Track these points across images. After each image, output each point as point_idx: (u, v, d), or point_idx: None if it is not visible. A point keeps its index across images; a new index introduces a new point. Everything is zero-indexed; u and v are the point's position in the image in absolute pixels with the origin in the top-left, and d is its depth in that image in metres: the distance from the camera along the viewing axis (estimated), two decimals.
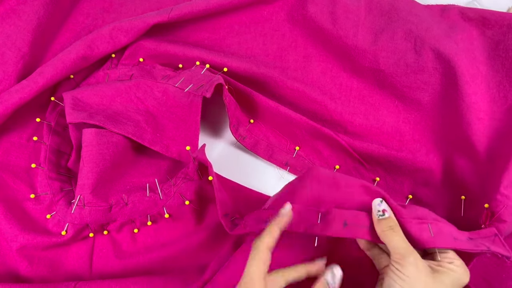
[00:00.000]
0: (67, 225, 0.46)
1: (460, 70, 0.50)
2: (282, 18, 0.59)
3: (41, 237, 0.45)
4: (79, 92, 0.50)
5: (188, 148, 0.48)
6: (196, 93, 0.48)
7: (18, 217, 0.46)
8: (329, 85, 0.56)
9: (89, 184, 0.45)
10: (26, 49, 0.52)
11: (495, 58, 0.52)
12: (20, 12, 0.53)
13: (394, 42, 0.54)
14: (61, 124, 0.52)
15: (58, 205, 0.47)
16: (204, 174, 0.47)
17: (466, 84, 0.50)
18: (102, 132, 0.47)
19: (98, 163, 0.46)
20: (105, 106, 0.50)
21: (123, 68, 0.54)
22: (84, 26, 0.58)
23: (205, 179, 0.47)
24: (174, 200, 0.47)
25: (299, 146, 0.54)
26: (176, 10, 0.53)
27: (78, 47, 0.51)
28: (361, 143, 0.51)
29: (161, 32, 0.55)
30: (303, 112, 0.53)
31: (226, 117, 0.52)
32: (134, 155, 0.51)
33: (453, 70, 0.50)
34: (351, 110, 0.54)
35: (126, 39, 0.53)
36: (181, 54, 0.54)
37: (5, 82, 0.51)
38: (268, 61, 0.57)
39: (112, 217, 0.46)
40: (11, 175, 0.49)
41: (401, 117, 0.54)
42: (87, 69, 0.54)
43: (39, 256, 0.46)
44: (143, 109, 0.51)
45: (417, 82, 0.53)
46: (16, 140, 0.51)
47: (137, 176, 0.50)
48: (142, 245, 0.47)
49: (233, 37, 0.58)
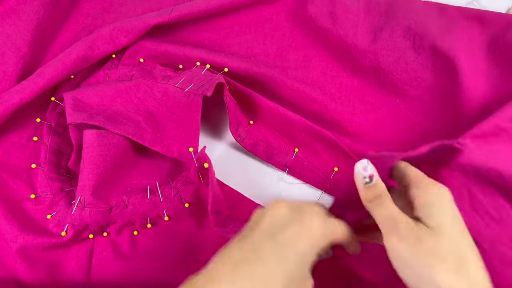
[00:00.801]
0: (67, 226, 0.46)
1: (460, 67, 0.50)
2: (282, 18, 0.59)
3: (41, 238, 0.45)
4: (80, 92, 0.50)
5: (191, 150, 0.47)
6: (196, 92, 0.48)
7: (18, 217, 0.46)
8: (329, 85, 0.56)
9: (89, 186, 0.45)
10: (26, 49, 0.52)
11: (495, 52, 0.52)
12: (20, 12, 0.53)
13: (393, 40, 0.54)
14: (61, 124, 0.52)
15: (59, 205, 0.47)
16: (204, 177, 0.47)
17: (467, 80, 0.50)
18: (103, 133, 0.47)
19: (99, 165, 0.46)
20: (105, 107, 0.50)
21: (123, 69, 0.54)
22: (84, 26, 0.58)
23: (205, 182, 0.47)
24: (173, 202, 0.47)
25: (298, 147, 0.54)
26: (176, 11, 0.53)
27: (79, 47, 0.51)
28: (360, 145, 0.51)
29: (161, 33, 0.55)
30: (303, 112, 0.53)
31: (226, 118, 0.52)
32: (135, 156, 0.51)
33: (453, 66, 0.50)
34: (351, 110, 0.54)
35: (126, 40, 0.53)
36: (182, 55, 0.54)
37: (5, 82, 0.51)
38: (268, 61, 0.57)
39: (112, 219, 0.46)
40: (11, 175, 0.49)
41: (402, 115, 0.54)
42: (88, 70, 0.54)
43: (38, 257, 0.46)
44: (143, 109, 0.51)
45: (417, 80, 0.53)
46: (16, 140, 0.51)
47: (138, 177, 0.50)
48: (141, 248, 0.47)
49: (233, 37, 0.58)
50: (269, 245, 0.29)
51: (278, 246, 0.29)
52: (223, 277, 0.28)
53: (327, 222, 0.32)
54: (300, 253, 0.29)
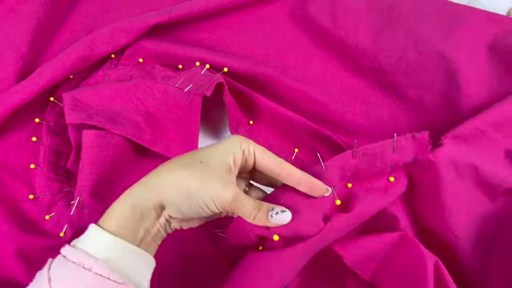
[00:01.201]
0: (66, 226, 0.46)
1: (461, 68, 0.50)
2: (282, 18, 0.59)
3: (40, 239, 0.45)
4: (79, 92, 0.50)
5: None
6: (196, 92, 0.48)
7: (16, 218, 0.46)
8: (330, 85, 0.56)
9: (88, 186, 0.45)
10: (25, 48, 0.52)
11: (497, 55, 0.52)
12: (19, 12, 0.53)
13: (394, 41, 0.53)
14: (60, 125, 0.52)
15: (57, 206, 0.47)
16: None
17: (467, 82, 0.50)
18: (102, 134, 0.47)
19: (98, 165, 0.46)
20: (104, 107, 0.49)
21: (122, 69, 0.54)
22: (83, 26, 0.57)
23: None
24: None
25: (298, 148, 0.53)
26: (176, 10, 0.53)
27: (78, 47, 0.51)
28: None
29: (161, 32, 0.55)
30: (303, 112, 0.53)
31: (226, 119, 0.52)
32: (134, 157, 0.51)
33: (454, 68, 0.50)
34: (351, 110, 0.54)
35: (126, 40, 0.53)
36: (181, 54, 0.54)
37: (4, 82, 0.51)
38: (268, 61, 0.56)
39: None
40: (10, 176, 0.49)
41: (402, 116, 0.53)
42: (87, 69, 0.54)
43: (37, 258, 0.45)
44: (142, 109, 0.50)
45: (418, 81, 0.52)
46: (15, 140, 0.51)
47: (137, 178, 0.50)
48: None
49: (233, 37, 0.58)
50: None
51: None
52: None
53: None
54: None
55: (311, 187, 0.37)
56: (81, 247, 0.31)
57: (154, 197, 0.33)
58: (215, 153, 0.35)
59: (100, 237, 0.32)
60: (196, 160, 0.34)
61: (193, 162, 0.34)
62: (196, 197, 0.33)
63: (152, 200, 0.33)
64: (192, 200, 0.33)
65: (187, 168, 0.34)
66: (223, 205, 0.33)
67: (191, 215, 0.34)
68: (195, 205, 0.33)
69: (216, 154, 0.35)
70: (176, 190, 0.33)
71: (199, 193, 0.33)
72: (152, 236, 0.34)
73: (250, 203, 0.34)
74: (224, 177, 0.34)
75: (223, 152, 0.35)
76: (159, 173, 0.34)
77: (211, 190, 0.33)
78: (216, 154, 0.35)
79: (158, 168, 0.35)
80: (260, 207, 0.35)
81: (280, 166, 0.36)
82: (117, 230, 0.32)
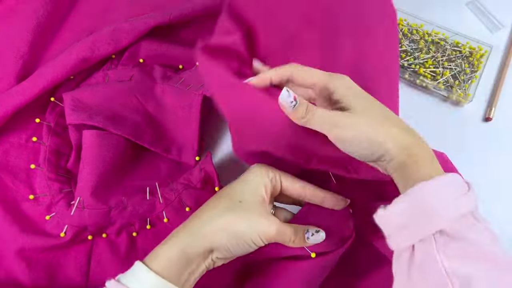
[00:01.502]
0: (66, 227, 0.46)
1: None
2: None
3: (40, 239, 0.45)
4: (79, 92, 0.50)
5: (197, 159, 0.49)
6: (196, 92, 0.48)
7: (17, 218, 0.46)
8: None
9: (88, 186, 0.45)
10: (25, 48, 0.52)
11: None
12: (19, 12, 0.53)
13: None
14: (61, 125, 0.52)
15: (58, 206, 0.47)
16: (208, 183, 0.47)
17: None
18: (103, 134, 0.47)
19: (98, 165, 0.46)
20: (104, 107, 0.49)
21: (123, 69, 0.54)
22: (83, 26, 0.57)
23: (208, 188, 0.47)
24: (174, 205, 0.47)
25: None
26: (177, 12, 0.53)
27: (79, 48, 0.51)
28: None
29: (161, 33, 0.55)
30: None
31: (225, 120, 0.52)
32: (135, 157, 0.51)
33: None
34: None
35: (127, 41, 0.53)
36: (181, 55, 0.54)
37: (4, 82, 0.51)
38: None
39: (111, 220, 0.46)
40: (10, 176, 0.49)
41: None
42: (87, 70, 0.54)
43: (37, 258, 0.45)
44: (142, 110, 0.50)
45: None
46: (15, 140, 0.51)
47: (137, 178, 0.50)
48: (140, 249, 0.47)
49: None
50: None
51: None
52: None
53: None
54: None
55: (335, 202, 0.40)
56: (125, 282, 0.32)
57: (205, 243, 0.35)
58: (248, 189, 0.38)
59: (145, 276, 0.33)
60: (235, 200, 0.36)
61: (234, 205, 0.36)
62: (245, 236, 0.35)
63: (203, 247, 0.35)
64: (240, 240, 0.35)
65: (233, 211, 0.36)
66: (269, 238, 0.36)
67: (238, 253, 0.36)
68: (243, 243, 0.35)
69: (249, 189, 0.38)
70: (226, 234, 0.35)
71: (247, 233, 0.35)
72: (195, 278, 0.36)
73: (289, 230, 0.36)
74: (263, 212, 0.36)
75: (254, 186, 0.38)
76: (208, 220, 0.36)
77: (258, 227, 0.35)
78: (249, 189, 0.38)
79: (203, 213, 0.37)
80: (297, 232, 0.37)
81: (305, 189, 0.39)
82: (162, 271, 0.33)
